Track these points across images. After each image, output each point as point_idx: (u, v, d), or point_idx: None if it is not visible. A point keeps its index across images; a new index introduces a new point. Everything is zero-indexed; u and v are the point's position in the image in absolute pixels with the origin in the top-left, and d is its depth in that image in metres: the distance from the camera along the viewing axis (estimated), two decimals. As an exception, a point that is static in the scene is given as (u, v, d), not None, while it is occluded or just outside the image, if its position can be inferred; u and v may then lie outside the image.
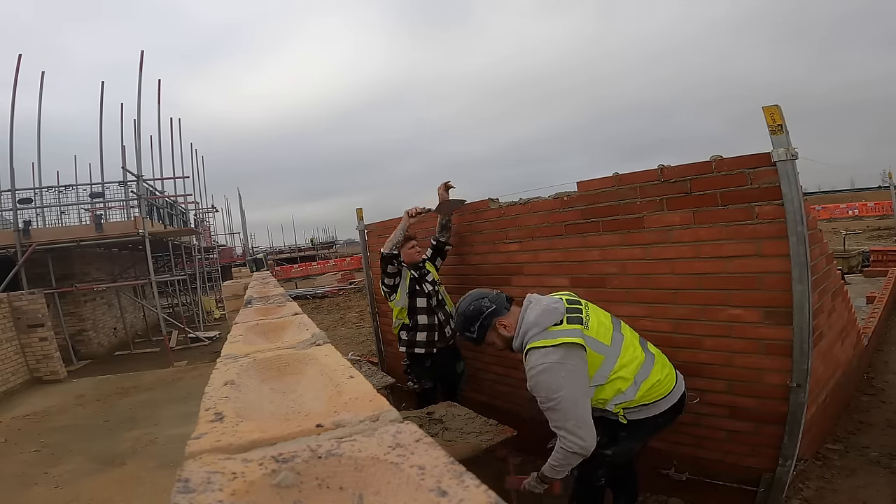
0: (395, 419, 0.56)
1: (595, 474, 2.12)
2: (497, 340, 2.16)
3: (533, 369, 1.95)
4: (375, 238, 4.98)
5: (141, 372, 7.87)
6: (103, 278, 11.14)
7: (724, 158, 2.23)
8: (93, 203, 10.77)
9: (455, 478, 0.42)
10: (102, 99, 10.16)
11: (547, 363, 1.92)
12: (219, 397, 0.69)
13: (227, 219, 37.11)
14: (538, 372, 1.93)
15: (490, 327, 2.13)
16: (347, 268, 28.72)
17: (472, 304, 2.17)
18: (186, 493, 0.43)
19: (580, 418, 1.90)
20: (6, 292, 7.78)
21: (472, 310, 2.15)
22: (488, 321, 2.12)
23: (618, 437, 2.07)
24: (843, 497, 2.31)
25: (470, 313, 2.15)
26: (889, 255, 8.44)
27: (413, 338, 3.33)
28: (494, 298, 2.17)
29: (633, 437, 2.08)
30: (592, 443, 1.90)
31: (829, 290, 2.57)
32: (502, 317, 2.12)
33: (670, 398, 2.04)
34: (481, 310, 2.13)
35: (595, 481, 2.14)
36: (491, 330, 2.14)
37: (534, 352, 1.97)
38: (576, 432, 1.88)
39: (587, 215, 2.76)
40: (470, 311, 2.16)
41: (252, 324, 1.33)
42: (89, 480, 3.81)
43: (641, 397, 1.99)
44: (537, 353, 1.96)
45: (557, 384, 1.89)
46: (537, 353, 1.96)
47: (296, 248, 47.03)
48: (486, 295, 2.19)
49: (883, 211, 24.24)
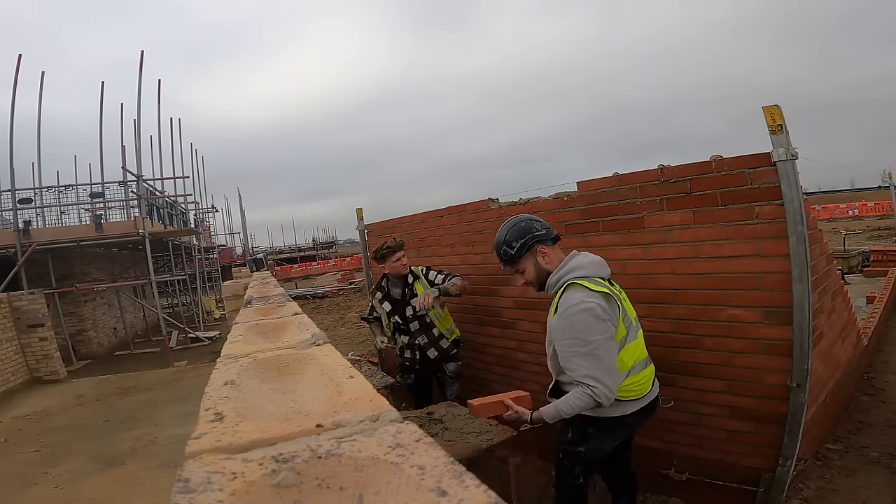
0: (395, 419, 0.56)
1: (572, 473, 2.07)
2: (530, 268, 2.04)
3: (574, 306, 1.82)
4: (375, 238, 4.98)
5: (141, 372, 7.88)
6: (103, 278, 11.14)
7: (724, 158, 2.24)
8: (93, 203, 10.77)
9: (455, 478, 0.42)
10: (102, 99, 10.17)
11: (592, 303, 1.81)
12: (219, 397, 0.69)
13: (227, 219, 37.14)
14: (581, 309, 1.81)
15: (531, 250, 2.02)
16: (347, 268, 28.72)
17: (524, 222, 2.05)
18: (186, 493, 0.43)
19: (612, 368, 1.82)
20: (6, 292, 7.79)
21: (521, 226, 2.04)
22: (532, 242, 2.01)
23: (587, 433, 2.00)
24: (843, 497, 2.31)
25: (516, 230, 2.04)
26: (889, 255, 8.44)
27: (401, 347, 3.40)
28: (546, 226, 2.06)
29: (604, 435, 2.01)
30: (615, 395, 1.83)
31: (829, 290, 2.57)
32: (545, 245, 2.02)
33: (641, 402, 1.99)
34: (530, 229, 2.02)
35: (574, 480, 2.08)
36: (530, 255, 2.02)
37: (578, 288, 1.86)
38: (606, 382, 1.79)
39: (587, 215, 2.76)
40: (519, 226, 2.04)
41: (252, 324, 1.32)
42: (89, 480, 3.81)
43: (623, 388, 1.92)
44: (581, 291, 1.85)
45: (598, 327, 1.80)
46: (582, 292, 1.84)
47: (296, 248, 47.04)
48: (538, 220, 2.08)
49: (883, 211, 24.26)
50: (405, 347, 3.35)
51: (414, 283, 3.30)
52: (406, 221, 4.43)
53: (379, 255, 3.28)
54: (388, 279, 3.38)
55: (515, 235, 2.04)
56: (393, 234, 4.54)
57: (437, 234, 4.00)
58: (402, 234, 4.02)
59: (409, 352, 3.34)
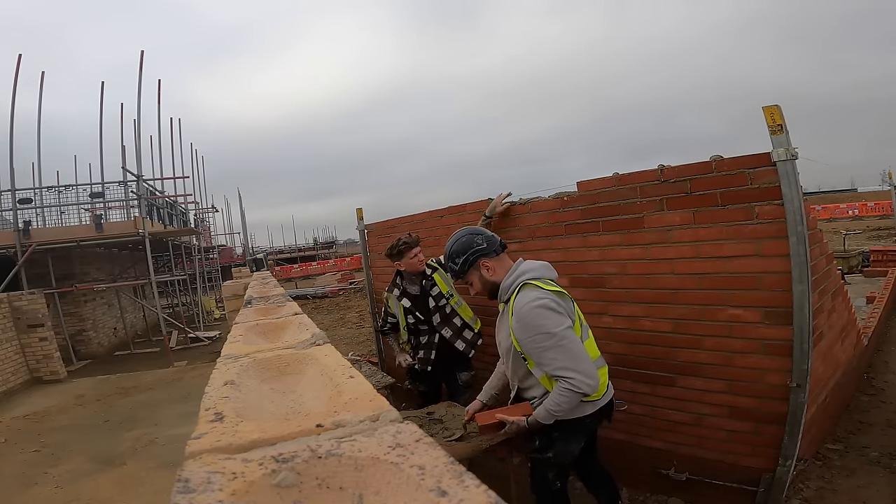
0: (395, 419, 0.56)
1: (547, 479, 2.09)
2: (476, 281, 2.10)
3: (529, 303, 1.87)
4: (375, 238, 4.98)
5: (141, 372, 7.87)
6: (103, 278, 11.14)
7: (724, 158, 2.24)
8: (93, 203, 10.77)
9: (455, 478, 0.42)
10: (102, 99, 10.18)
11: (547, 299, 1.87)
12: (219, 397, 0.69)
13: (228, 219, 37.15)
14: (536, 305, 1.86)
15: (473, 265, 2.07)
16: (347, 268, 28.73)
17: (465, 237, 2.11)
18: (186, 493, 0.43)
19: (583, 354, 1.86)
20: (6, 292, 7.78)
21: (462, 241, 2.10)
22: (474, 258, 2.06)
23: (553, 438, 2.02)
24: (843, 497, 2.31)
25: (458, 246, 2.10)
26: (889, 255, 8.44)
27: (415, 354, 3.26)
28: (488, 238, 2.11)
29: (569, 437, 2.04)
30: (595, 380, 1.86)
31: (829, 290, 2.57)
32: (488, 258, 2.07)
33: (598, 403, 2.01)
34: (471, 245, 2.07)
35: (551, 486, 2.10)
36: (474, 269, 2.08)
37: (531, 288, 1.92)
38: (580, 369, 1.82)
39: (587, 215, 2.76)
40: (461, 241, 2.10)
41: (252, 324, 1.32)
42: (89, 480, 3.81)
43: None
44: (535, 290, 1.90)
45: (558, 319, 1.84)
46: (535, 291, 1.90)
47: (296, 248, 47.03)
48: (481, 232, 2.13)
49: (883, 211, 24.25)
50: (421, 347, 3.21)
51: (433, 274, 3.20)
52: (406, 221, 4.43)
53: (395, 252, 3.15)
54: (404, 277, 3.24)
55: (458, 251, 2.10)
56: (393, 233, 4.54)
57: (437, 235, 3.99)
58: (402, 234, 4.02)
59: (423, 352, 3.20)
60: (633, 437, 2.71)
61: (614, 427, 2.74)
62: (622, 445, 2.73)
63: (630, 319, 2.62)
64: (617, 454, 2.74)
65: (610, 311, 2.68)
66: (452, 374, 3.30)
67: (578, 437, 2.06)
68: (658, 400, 2.58)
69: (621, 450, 2.73)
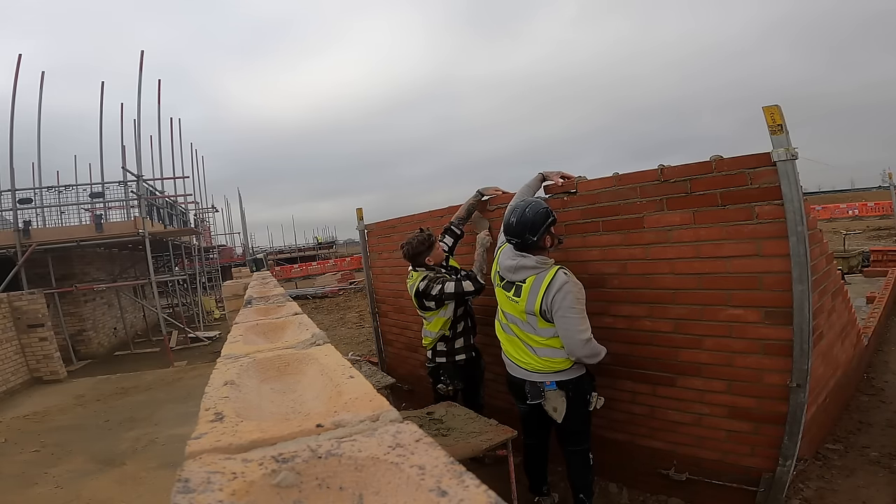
0: (395, 419, 0.56)
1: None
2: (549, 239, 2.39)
3: (568, 283, 2.27)
4: (375, 238, 4.98)
5: (141, 372, 7.87)
6: (103, 278, 11.14)
7: (724, 158, 2.23)
8: (93, 203, 10.76)
9: (455, 478, 0.42)
10: (102, 99, 10.18)
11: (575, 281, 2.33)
12: (219, 397, 0.69)
13: (227, 218, 37.13)
14: (575, 284, 2.31)
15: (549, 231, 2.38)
16: (347, 268, 28.71)
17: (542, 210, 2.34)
18: (186, 493, 0.43)
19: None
20: (6, 292, 7.78)
21: (541, 211, 2.33)
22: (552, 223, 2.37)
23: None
24: (843, 497, 2.31)
25: (538, 215, 2.32)
26: (889, 255, 8.43)
27: (452, 347, 3.13)
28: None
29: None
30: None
31: (829, 290, 2.57)
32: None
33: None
34: (549, 214, 2.35)
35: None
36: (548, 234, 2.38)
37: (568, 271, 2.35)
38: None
39: (587, 215, 2.76)
40: (541, 210, 2.33)
41: (252, 324, 1.32)
42: (89, 480, 3.81)
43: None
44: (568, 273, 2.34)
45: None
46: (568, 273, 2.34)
47: (296, 247, 47.00)
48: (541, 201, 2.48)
49: (883, 211, 24.24)
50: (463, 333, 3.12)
51: (449, 260, 3.22)
52: (406, 221, 4.43)
53: (427, 246, 3.01)
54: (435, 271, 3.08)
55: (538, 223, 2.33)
56: (393, 233, 4.54)
57: (437, 234, 3.99)
58: (403, 234, 4.02)
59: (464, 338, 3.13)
60: (633, 437, 2.71)
61: (615, 427, 2.75)
62: (622, 445, 2.73)
63: (630, 319, 2.62)
64: (617, 454, 2.74)
65: (610, 311, 2.68)
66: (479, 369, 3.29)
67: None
68: (658, 400, 2.58)
69: (621, 450, 2.73)
